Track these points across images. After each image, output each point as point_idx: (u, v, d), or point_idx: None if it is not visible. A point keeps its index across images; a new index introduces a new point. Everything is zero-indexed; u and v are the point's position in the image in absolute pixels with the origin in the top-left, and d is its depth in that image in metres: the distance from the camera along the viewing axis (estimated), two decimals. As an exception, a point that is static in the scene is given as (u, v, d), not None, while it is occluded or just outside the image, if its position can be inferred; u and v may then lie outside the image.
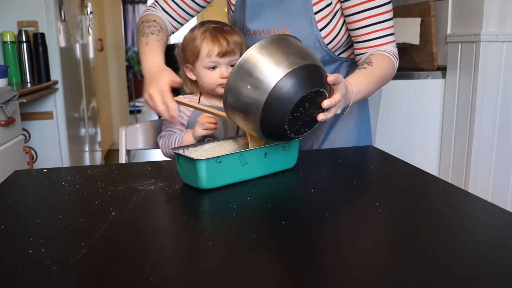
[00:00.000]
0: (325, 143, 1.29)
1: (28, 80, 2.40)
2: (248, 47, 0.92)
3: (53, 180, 0.97)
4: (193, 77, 1.21)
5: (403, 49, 2.32)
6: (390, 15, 1.14)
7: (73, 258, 0.60)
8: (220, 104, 1.12)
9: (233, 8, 1.28)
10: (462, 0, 2.00)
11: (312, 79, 0.84)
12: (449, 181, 1.03)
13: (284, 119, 0.83)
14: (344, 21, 1.17)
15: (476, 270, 0.57)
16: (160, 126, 1.41)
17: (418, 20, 2.17)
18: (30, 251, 0.62)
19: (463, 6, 2.00)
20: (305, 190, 0.87)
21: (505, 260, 0.59)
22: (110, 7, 4.66)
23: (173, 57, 1.27)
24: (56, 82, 2.51)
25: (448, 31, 2.10)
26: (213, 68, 1.15)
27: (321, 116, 0.87)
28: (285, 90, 0.81)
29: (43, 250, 0.63)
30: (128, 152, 1.40)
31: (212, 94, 1.20)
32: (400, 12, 2.32)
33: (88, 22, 3.56)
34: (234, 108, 0.87)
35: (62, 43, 2.63)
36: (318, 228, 0.70)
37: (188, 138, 1.13)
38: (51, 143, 2.52)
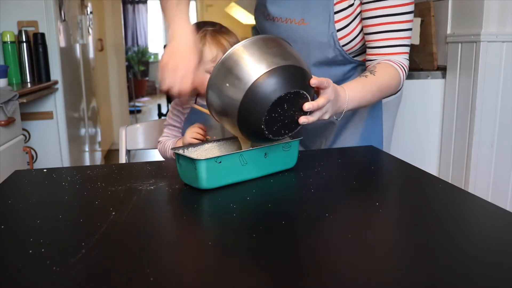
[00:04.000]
0: (334, 146, 1.27)
1: (28, 80, 2.40)
2: None
3: (53, 180, 0.97)
4: None
5: (403, 49, 2.31)
6: (408, 25, 1.10)
7: (73, 258, 0.60)
8: None
9: None
10: (462, 0, 2.00)
11: (291, 80, 0.81)
12: (449, 181, 1.03)
13: (261, 119, 0.81)
14: None
15: (476, 270, 0.57)
16: (160, 126, 1.42)
17: (418, 20, 2.17)
18: (30, 251, 0.62)
19: (463, 6, 2.00)
20: (305, 190, 0.87)
21: (505, 260, 0.59)
22: (110, 7, 4.66)
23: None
24: (56, 82, 2.51)
25: (448, 31, 2.10)
26: None
27: (302, 119, 0.85)
28: (262, 89, 0.80)
29: (43, 250, 0.63)
30: (128, 152, 1.40)
31: None
32: (400, 12, 2.31)
33: (88, 22, 3.56)
34: (215, 107, 0.86)
35: (62, 43, 2.63)
36: (318, 228, 0.70)
37: (179, 145, 1.14)
38: (51, 143, 2.52)
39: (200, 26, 1.17)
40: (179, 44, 1.01)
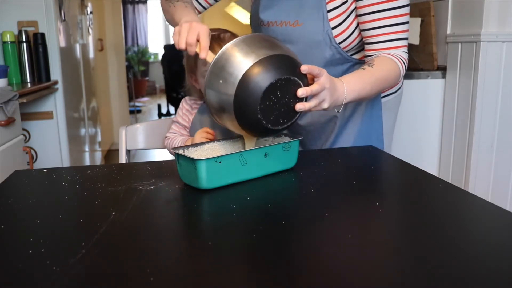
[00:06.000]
0: (334, 147, 1.28)
1: (28, 80, 2.40)
2: None
3: (53, 180, 0.97)
4: (197, 86, 1.21)
5: (403, 49, 2.31)
6: (404, 18, 1.10)
7: (73, 258, 0.60)
8: None
9: None
10: (462, 0, 2.00)
11: (281, 67, 0.85)
12: (449, 181, 1.03)
13: (256, 108, 0.84)
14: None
15: (476, 270, 0.57)
16: (160, 126, 1.42)
17: (418, 20, 2.17)
18: (30, 251, 0.62)
19: (463, 6, 2.00)
20: (305, 190, 0.87)
21: (505, 260, 0.59)
22: (110, 7, 4.66)
23: (176, 60, 1.27)
24: (56, 82, 2.51)
25: (448, 31, 2.10)
26: None
27: (299, 106, 0.86)
28: (252, 79, 0.83)
29: (43, 250, 0.63)
30: (128, 152, 1.40)
31: None
32: (400, 12, 2.31)
33: (88, 22, 3.56)
34: (214, 106, 0.89)
35: (62, 43, 2.63)
36: (318, 228, 0.70)
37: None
38: (51, 143, 2.52)
39: None
40: (190, 18, 1.06)
